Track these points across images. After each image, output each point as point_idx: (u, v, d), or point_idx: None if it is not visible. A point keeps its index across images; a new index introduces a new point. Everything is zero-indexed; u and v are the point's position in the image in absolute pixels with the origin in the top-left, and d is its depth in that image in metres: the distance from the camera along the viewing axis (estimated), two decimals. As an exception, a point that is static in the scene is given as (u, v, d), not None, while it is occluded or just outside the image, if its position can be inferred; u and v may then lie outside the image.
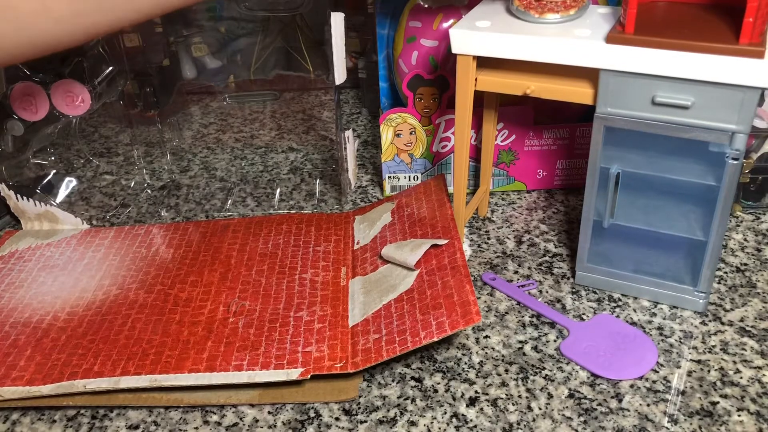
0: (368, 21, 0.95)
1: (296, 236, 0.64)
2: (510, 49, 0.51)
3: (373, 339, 0.50)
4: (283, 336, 0.52)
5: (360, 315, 0.53)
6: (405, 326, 0.50)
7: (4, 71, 0.66)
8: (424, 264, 0.55)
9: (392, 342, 0.49)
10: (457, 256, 0.55)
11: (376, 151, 0.81)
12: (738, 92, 0.45)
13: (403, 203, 0.66)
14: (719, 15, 0.48)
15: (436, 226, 0.60)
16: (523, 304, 0.56)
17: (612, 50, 0.48)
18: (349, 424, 0.46)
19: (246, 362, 0.49)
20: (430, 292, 0.52)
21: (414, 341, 0.48)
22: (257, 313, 0.54)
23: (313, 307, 0.55)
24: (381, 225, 0.64)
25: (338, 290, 0.57)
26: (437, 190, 0.66)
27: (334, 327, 0.52)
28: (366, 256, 0.61)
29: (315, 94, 0.99)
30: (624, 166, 0.52)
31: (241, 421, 0.47)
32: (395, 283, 0.55)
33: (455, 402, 0.47)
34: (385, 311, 0.52)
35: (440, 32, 0.64)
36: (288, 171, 0.78)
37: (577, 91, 0.51)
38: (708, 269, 0.52)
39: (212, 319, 0.54)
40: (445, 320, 0.48)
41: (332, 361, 0.49)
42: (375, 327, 0.51)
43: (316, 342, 0.51)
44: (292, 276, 0.59)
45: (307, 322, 0.53)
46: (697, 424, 0.45)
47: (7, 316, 0.55)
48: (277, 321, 0.53)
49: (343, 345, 0.50)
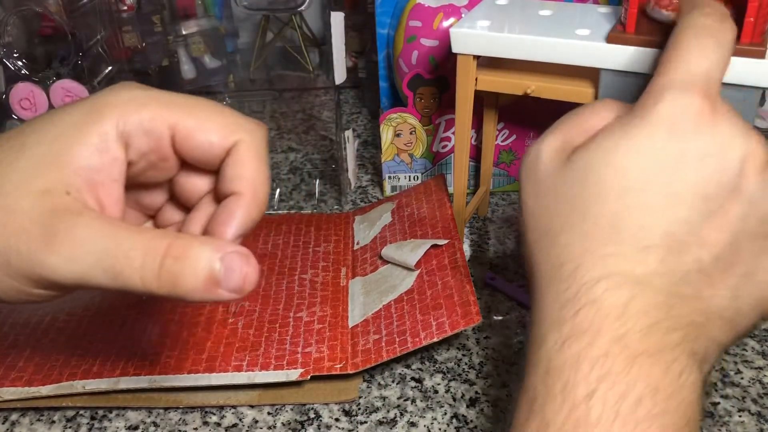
0: (368, 21, 0.95)
1: (296, 236, 0.64)
2: (510, 48, 0.51)
3: (373, 339, 0.50)
4: (282, 337, 0.51)
5: (360, 315, 0.53)
6: (405, 327, 0.50)
7: (3, 71, 0.66)
8: (424, 264, 0.55)
9: (392, 343, 0.49)
10: (457, 256, 0.54)
11: (376, 151, 0.81)
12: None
13: (403, 203, 0.66)
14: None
15: (436, 226, 0.60)
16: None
17: (612, 50, 0.47)
18: (348, 424, 0.46)
19: (246, 363, 0.49)
20: (430, 293, 0.52)
21: (414, 342, 0.48)
22: (257, 314, 0.54)
23: (313, 307, 0.55)
24: (381, 225, 0.64)
25: (338, 291, 0.57)
26: (437, 190, 0.66)
27: (334, 328, 0.52)
28: (366, 257, 0.60)
29: (315, 94, 0.98)
30: (624, 166, 0.52)
31: (241, 422, 0.47)
32: (395, 283, 0.55)
33: (455, 403, 0.47)
34: (385, 312, 0.52)
35: (440, 32, 0.64)
36: (288, 171, 0.78)
37: (577, 91, 0.51)
38: (709, 269, 0.52)
39: (211, 319, 0.54)
40: (445, 321, 0.48)
41: (332, 361, 0.49)
42: (375, 327, 0.51)
43: (316, 343, 0.51)
44: (291, 276, 0.59)
45: (307, 322, 0.53)
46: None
47: (6, 317, 0.55)
48: (276, 322, 0.53)
49: (343, 346, 0.50)
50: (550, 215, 0.34)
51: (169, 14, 0.95)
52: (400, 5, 0.67)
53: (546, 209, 0.34)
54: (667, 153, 0.31)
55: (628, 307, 0.29)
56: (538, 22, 0.53)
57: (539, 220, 0.34)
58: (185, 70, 0.99)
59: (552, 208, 0.34)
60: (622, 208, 0.31)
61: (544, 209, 0.34)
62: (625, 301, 0.29)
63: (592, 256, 0.31)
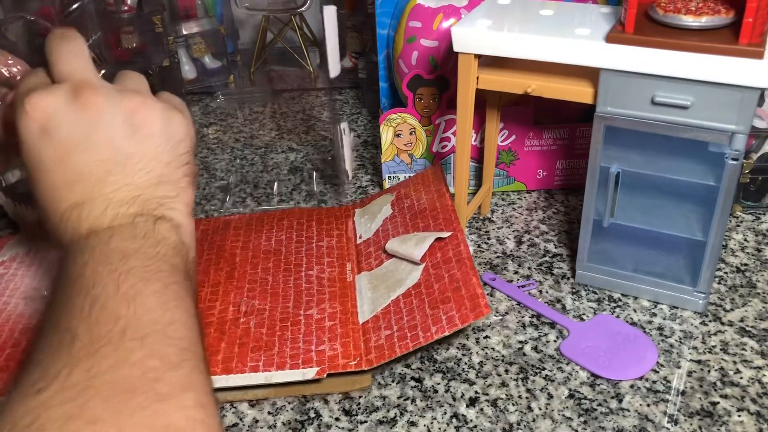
0: (368, 21, 0.95)
1: (298, 232, 0.65)
2: (511, 47, 0.51)
3: (385, 335, 0.50)
4: (295, 335, 0.52)
5: (369, 311, 0.53)
6: (415, 321, 0.50)
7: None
8: (429, 257, 0.56)
9: (404, 338, 0.49)
10: (461, 248, 0.55)
11: (376, 151, 0.81)
12: (737, 92, 0.45)
13: (402, 194, 0.66)
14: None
15: (437, 217, 0.60)
16: (523, 304, 0.56)
17: (612, 50, 0.48)
18: (349, 424, 0.46)
19: (261, 363, 0.49)
20: (437, 286, 0.52)
21: (426, 336, 0.48)
22: (267, 313, 0.54)
23: (322, 304, 0.55)
24: (382, 218, 0.64)
25: (345, 286, 0.57)
26: (435, 180, 0.66)
27: (345, 324, 0.52)
28: (370, 251, 0.61)
29: (315, 94, 0.99)
30: (624, 166, 0.52)
31: (241, 421, 0.47)
32: (401, 277, 0.55)
33: (455, 402, 0.47)
34: (394, 307, 0.53)
35: (440, 32, 0.64)
36: (288, 171, 0.78)
37: (577, 90, 0.51)
38: (707, 270, 0.52)
39: (223, 319, 0.54)
40: (455, 314, 0.49)
41: (346, 359, 0.49)
42: (386, 323, 0.51)
43: (329, 340, 0.51)
44: (298, 273, 0.59)
45: (318, 320, 0.53)
46: (697, 424, 0.45)
47: (16, 323, 0.55)
48: (288, 320, 0.53)
49: (355, 342, 0.51)
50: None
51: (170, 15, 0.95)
52: (400, 6, 0.67)
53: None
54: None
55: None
56: (538, 22, 0.53)
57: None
58: (186, 70, 0.99)
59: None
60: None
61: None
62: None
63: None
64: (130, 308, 0.33)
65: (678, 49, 0.45)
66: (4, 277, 0.61)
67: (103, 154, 0.40)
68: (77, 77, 0.41)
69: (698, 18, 0.46)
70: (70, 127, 0.39)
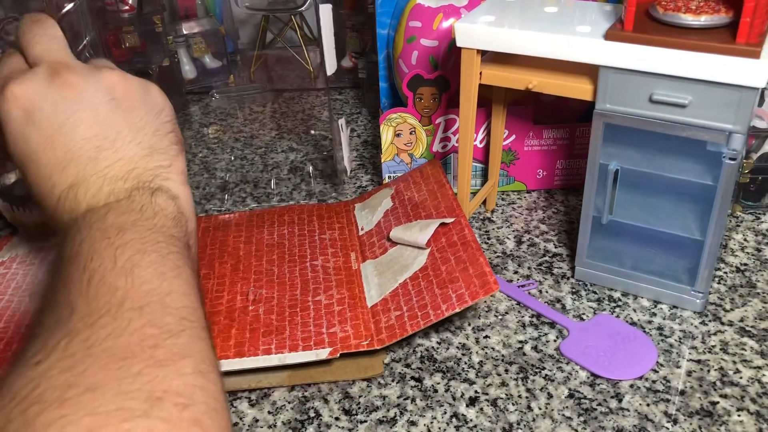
0: (368, 21, 0.95)
1: (300, 226, 0.65)
2: (512, 43, 0.52)
3: (395, 316, 0.51)
4: (305, 319, 0.52)
5: (377, 295, 0.54)
6: (425, 301, 0.51)
7: None
8: (434, 243, 0.56)
9: (415, 317, 0.50)
10: (465, 232, 0.55)
11: (376, 151, 0.81)
12: (735, 92, 0.45)
13: (401, 187, 0.67)
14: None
15: (439, 207, 0.60)
16: (523, 304, 0.56)
17: (611, 47, 0.48)
18: (349, 423, 0.46)
19: (274, 346, 0.50)
20: (444, 268, 0.53)
21: (437, 314, 0.49)
22: (275, 300, 0.55)
23: (330, 291, 0.55)
24: (383, 210, 0.64)
25: (351, 274, 0.57)
26: (434, 173, 0.66)
27: (354, 308, 0.53)
28: (373, 241, 0.61)
29: (315, 95, 0.99)
30: (623, 164, 0.52)
31: (241, 421, 0.47)
32: (407, 263, 0.56)
33: (455, 402, 0.47)
34: (403, 289, 0.53)
35: (440, 32, 0.64)
36: (288, 171, 0.78)
37: (577, 87, 0.51)
38: (705, 269, 0.52)
39: (232, 308, 0.54)
40: (464, 292, 0.49)
41: (358, 339, 0.50)
42: (395, 305, 0.52)
43: (339, 323, 0.51)
44: (303, 263, 0.59)
45: (327, 305, 0.54)
46: (697, 424, 0.45)
47: (19, 324, 0.55)
48: (296, 306, 0.54)
49: (366, 324, 0.51)
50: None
51: (170, 14, 0.95)
52: (400, 6, 0.68)
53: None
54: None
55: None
56: (540, 19, 0.53)
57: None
58: (186, 70, 0.99)
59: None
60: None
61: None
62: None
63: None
64: (128, 280, 0.33)
65: (676, 48, 0.45)
66: (5, 276, 0.61)
67: (90, 131, 0.40)
68: (52, 59, 0.41)
69: (698, 17, 0.46)
70: (53, 108, 0.39)
